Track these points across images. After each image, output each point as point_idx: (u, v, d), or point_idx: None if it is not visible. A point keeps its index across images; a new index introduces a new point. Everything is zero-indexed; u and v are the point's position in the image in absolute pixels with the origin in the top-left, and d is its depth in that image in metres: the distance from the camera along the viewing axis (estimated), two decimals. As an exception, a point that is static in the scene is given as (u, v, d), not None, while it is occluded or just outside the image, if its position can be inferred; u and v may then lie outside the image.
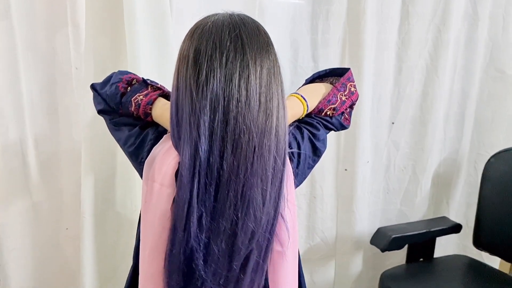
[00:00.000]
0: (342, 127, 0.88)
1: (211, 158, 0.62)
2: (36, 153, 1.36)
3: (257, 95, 0.62)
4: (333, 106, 0.84)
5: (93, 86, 0.89)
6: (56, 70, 1.33)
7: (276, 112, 0.65)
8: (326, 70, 0.93)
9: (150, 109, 0.78)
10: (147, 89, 0.82)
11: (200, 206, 0.63)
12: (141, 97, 0.79)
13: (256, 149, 0.62)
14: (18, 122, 1.32)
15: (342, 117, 0.88)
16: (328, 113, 0.84)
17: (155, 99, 0.79)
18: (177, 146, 0.67)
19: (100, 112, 0.87)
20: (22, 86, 1.30)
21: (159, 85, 0.84)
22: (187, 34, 0.69)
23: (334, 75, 0.91)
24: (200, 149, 0.61)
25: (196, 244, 0.63)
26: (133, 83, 0.84)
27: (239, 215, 0.64)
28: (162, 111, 0.77)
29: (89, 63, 1.24)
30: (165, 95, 0.81)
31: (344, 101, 0.85)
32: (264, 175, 0.64)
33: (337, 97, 0.84)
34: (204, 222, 0.64)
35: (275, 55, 0.68)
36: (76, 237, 1.39)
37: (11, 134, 1.33)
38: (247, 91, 0.61)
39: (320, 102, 0.84)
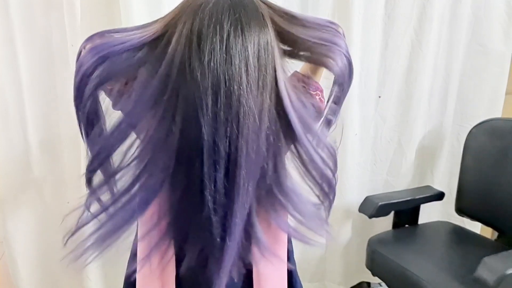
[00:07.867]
0: None
1: (216, 138, 0.62)
2: (36, 131, 1.39)
3: (256, 78, 0.63)
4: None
5: None
6: (52, 47, 1.35)
7: (274, 93, 0.66)
8: None
9: None
10: None
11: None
12: None
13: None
14: (18, 100, 1.35)
15: None
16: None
17: None
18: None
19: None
20: (20, 64, 1.32)
21: None
22: (189, 5, 0.67)
23: None
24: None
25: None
26: None
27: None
28: None
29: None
30: None
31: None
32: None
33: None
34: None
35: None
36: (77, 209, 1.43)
37: (11, 112, 1.36)
38: (247, 74, 0.62)
39: None
